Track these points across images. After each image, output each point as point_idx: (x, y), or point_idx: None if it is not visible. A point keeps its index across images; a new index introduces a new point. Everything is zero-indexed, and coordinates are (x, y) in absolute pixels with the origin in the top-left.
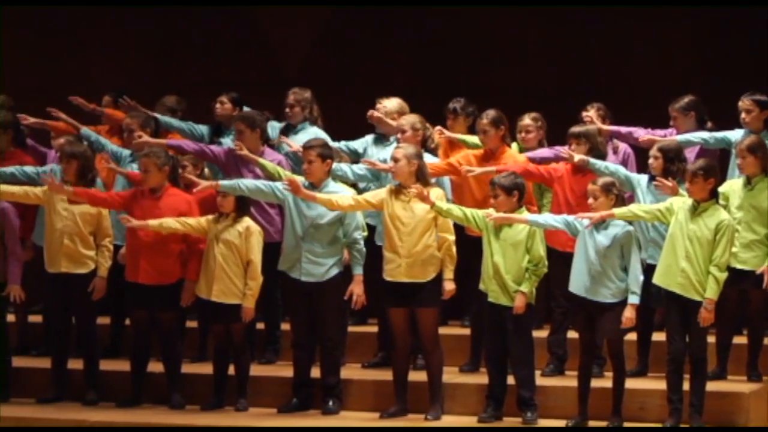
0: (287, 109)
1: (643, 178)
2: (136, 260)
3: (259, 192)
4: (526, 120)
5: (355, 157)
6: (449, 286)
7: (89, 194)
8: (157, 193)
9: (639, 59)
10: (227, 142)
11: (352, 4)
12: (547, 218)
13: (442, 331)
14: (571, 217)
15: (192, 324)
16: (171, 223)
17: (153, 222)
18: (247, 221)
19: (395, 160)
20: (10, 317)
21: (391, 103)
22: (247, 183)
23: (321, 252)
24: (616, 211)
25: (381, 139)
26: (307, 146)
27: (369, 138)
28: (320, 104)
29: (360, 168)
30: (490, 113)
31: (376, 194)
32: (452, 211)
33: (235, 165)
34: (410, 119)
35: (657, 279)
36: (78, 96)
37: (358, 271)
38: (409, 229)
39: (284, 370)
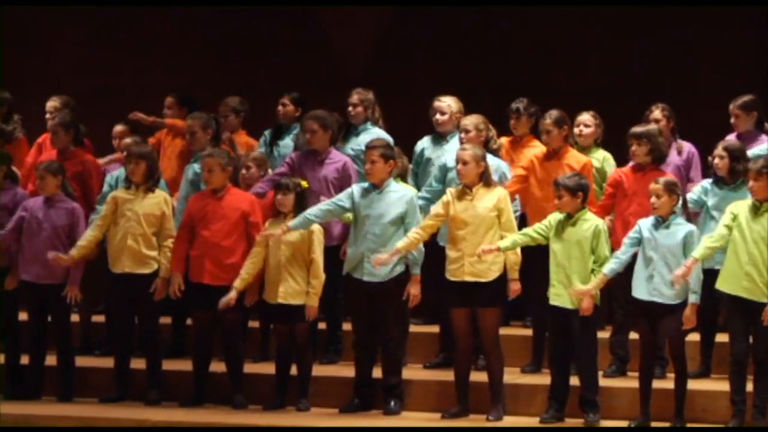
0: (350, 109)
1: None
2: (201, 261)
3: (329, 213)
4: (585, 115)
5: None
6: (515, 285)
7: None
8: (219, 194)
9: (703, 60)
10: (287, 143)
11: (414, 5)
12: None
13: (504, 331)
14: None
15: (254, 324)
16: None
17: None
18: (314, 230)
19: (463, 161)
20: (74, 317)
21: (450, 101)
22: (314, 212)
23: (383, 252)
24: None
25: (438, 139)
26: (370, 146)
27: (426, 139)
28: (381, 105)
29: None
30: (553, 113)
31: (436, 208)
32: (517, 241)
33: (299, 168)
34: (474, 120)
35: (721, 285)
36: (139, 95)
37: (416, 271)
38: (472, 228)
39: (346, 371)
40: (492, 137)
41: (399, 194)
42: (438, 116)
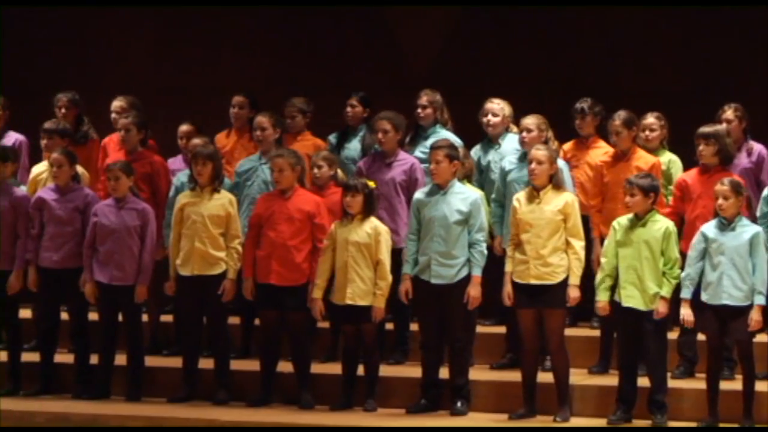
0: (419, 110)
1: None
2: (268, 262)
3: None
4: (650, 119)
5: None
6: (574, 293)
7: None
8: (287, 194)
9: None
10: (354, 145)
11: (482, 4)
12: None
13: (572, 332)
14: None
15: (323, 324)
16: None
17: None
18: (374, 221)
19: (538, 161)
20: (144, 317)
21: (502, 104)
22: (410, 248)
23: (449, 253)
24: None
25: (490, 144)
26: (435, 146)
27: (477, 147)
28: (449, 106)
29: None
30: (622, 114)
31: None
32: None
33: (367, 171)
34: (536, 120)
35: None
36: (209, 96)
37: (476, 272)
38: (536, 231)
39: (413, 371)
40: (550, 138)
41: (463, 195)
42: (490, 117)
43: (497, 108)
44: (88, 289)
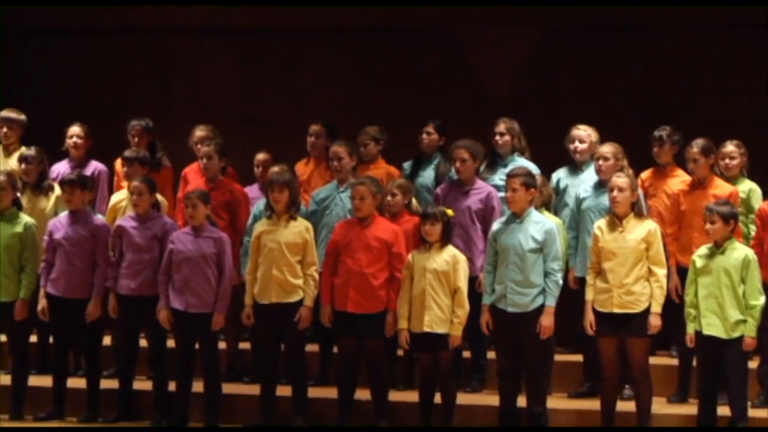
0: (497, 138)
1: None
2: (345, 289)
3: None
4: (729, 147)
5: None
6: (655, 321)
7: None
8: (366, 222)
9: None
10: (428, 174)
11: (561, 29)
12: None
13: (650, 361)
14: None
15: (400, 351)
16: None
17: None
18: (452, 250)
19: (620, 188)
20: (221, 344)
21: (589, 130)
22: (488, 279)
23: (524, 282)
24: None
25: (574, 169)
26: (512, 174)
27: (562, 169)
28: (526, 133)
29: None
30: (700, 142)
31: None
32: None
33: (443, 199)
34: (612, 148)
35: None
36: (286, 124)
37: (549, 302)
38: (620, 260)
39: (490, 399)
40: (625, 166)
41: (539, 224)
42: (577, 144)
43: (584, 134)
44: (163, 315)
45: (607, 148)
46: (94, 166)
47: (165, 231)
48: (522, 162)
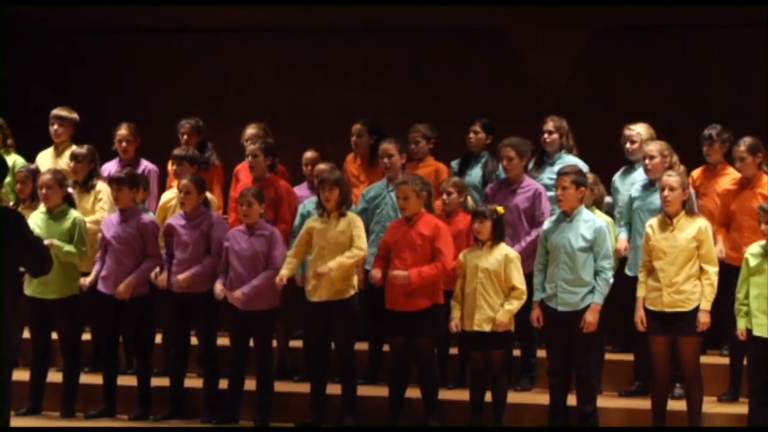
0: (545, 136)
1: None
2: (394, 288)
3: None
4: None
5: None
6: (704, 318)
7: None
8: (412, 221)
9: None
10: (476, 172)
11: (610, 28)
12: None
13: (701, 359)
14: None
15: (453, 350)
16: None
17: None
18: (504, 248)
19: (670, 188)
20: (273, 342)
21: (639, 129)
22: (538, 278)
23: (574, 280)
24: None
25: (628, 169)
26: (562, 172)
27: (622, 169)
28: (577, 132)
29: None
30: (747, 140)
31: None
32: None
33: (492, 198)
34: (659, 146)
35: None
36: (335, 122)
37: (597, 299)
38: (670, 259)
39: (540, 398)
40: (675, 163)
41: (589, 222)
42: (628, 145)
43: (634, 134)
44: (218, 287)
45: (652, 146)
46: (144, 165)
47: (211, 225)
48: (570, 159)
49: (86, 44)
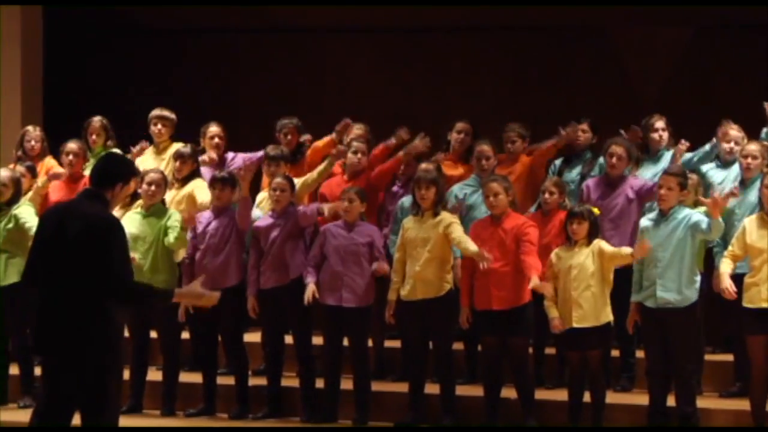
0: (655, 134)
1: None
2: (486, 288)
3: None
4: None
5: None
6: None
7: None
8: (498, 220)
9: None
10: (577, 171)
11: (711, 27)
12: None
13: None
14: None
15: (550, 350)
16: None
17: None
18: (596, 244)
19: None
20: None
21: (740, 131)
22: (636, 277)
23: (674, 277)
24: None
25: (722, 164)
26: (669, 173)
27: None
28: (676, 130)
29: None
30: None
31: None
32: None
33: (588, 196)
34: (761, 147)
35: None
36: (432, 121)
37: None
38: (766, 255)
39: (639, 398)
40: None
41: (685, 219)
42: (733, 145)
43: (739, 135)
44: (310, 288)
45: (753, 147)
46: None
47: (296, 219)
48: (669, 156)
49: (184, 44)
